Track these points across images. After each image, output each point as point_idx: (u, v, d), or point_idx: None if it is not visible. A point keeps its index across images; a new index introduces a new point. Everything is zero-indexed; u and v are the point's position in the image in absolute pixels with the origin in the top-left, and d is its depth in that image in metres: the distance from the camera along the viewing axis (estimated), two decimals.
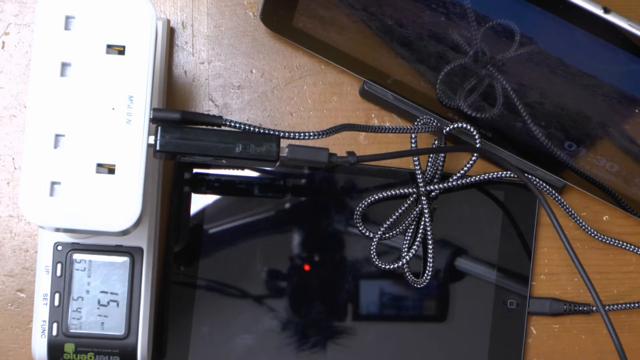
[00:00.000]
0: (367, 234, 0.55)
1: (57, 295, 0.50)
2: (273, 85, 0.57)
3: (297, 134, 0.47)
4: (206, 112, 0.56)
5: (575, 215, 0.57)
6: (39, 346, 0.51)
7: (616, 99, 0.49)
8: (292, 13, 0.53)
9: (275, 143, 0.45)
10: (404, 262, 0.54)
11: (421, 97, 0.55)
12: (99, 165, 0.43)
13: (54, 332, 0.50)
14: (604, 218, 0.58)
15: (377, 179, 0.56)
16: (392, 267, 0.54)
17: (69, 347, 0.51)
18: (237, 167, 0.54)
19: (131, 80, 0.43)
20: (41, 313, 0.50)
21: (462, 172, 0.54)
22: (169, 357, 0.54)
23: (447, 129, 0.54)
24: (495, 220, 0.56)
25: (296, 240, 0.55)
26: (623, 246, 0.57)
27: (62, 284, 0.50)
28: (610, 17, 0.44)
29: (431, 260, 0.54)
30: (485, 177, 0.55)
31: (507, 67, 0.50)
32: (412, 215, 0.54)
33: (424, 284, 0.55)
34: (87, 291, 0.50)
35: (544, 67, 0.49)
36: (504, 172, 0.55)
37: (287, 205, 0.55)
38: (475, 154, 0.54)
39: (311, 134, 0.47)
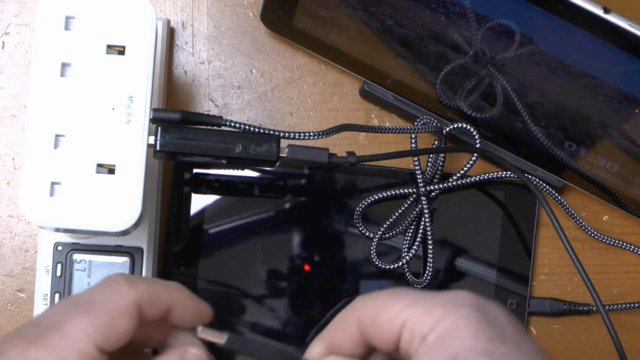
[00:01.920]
0: (367, 234, 0.55)
1: (57, 296, 0.50)
2: (273, 85, 0.57)
3: (297, 134, 0.47)
4: (206, 112, 0.56)
5: (575, 215, 0.57)
6: None
7: (616, 99, 0.49)
8: (292, 13, 0.53)
9: (275, 143, 0.45)
10: (404, 262, 0.54)
11: (421, 97, 0.55)
12: (99, 165, 0.43)
13: None
14: (604, 218, 0.58)
15: (377, 179, 0.56)
16: (392, 267, 0.54)
17: None
18: (237, 167, 0.54)
19: (131, 80, 0.43)
20: None
21: (462, 172, 0.54)
22: None
23: (447, 129, 0.54)
24: (495, 220, 0.56)
25: (296, 240, 0.55)
26: (623, 246, 0.57)
27: (62, 284, 0.50)
28: (610, 17, 0.44)
29: (431, 260, 0.54)
30: (485, 177, 0.55)
31: (507, 67, 0.50)
32: (412, 215, 0.54)
33: (424, 284, 0.55)
34: None
35: (544, 67, 0.49)
36: (504, 172, 0.55)
37: (287, 205, 0.55)
38: (475, 154, 0.54)
39: (311, 134, 0.47)
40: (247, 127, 0.45)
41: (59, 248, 0.50)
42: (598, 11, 0.44)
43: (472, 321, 0.34)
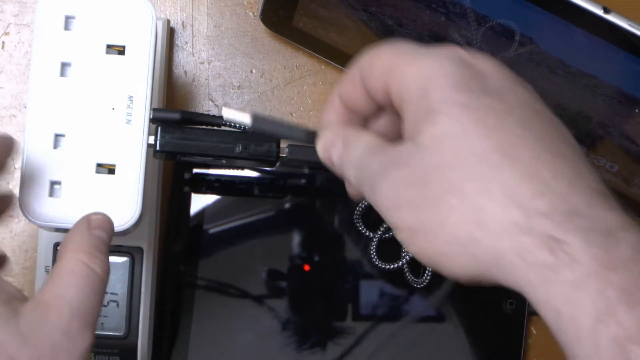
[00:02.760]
0: (367, 234, 0.55)
1: None
2: (273, 85, 0.57)
3: None
4: (206, 112, 0.56)
5: None
6: None
7: (616, 99, 0.49)
8: (292, 13, 0.53)
9: (275, 143, 0.45)
10: (404, 262, 0.54)
11: None
12: (99, 165, 0.43)
13: None
14: None
15: None
16: (392, 267, 0.54)
17: None
18: (237, 167, 0.54)
19: (131, 80, 0.43)
20: None
21: None
22: (169, 357, 0.54)
23: None
24: None
25: (296, 240, 0.55)
26: None
27: None
28: (610, 17, 0.44)
29: None
30: None
31: (507, 67, 0.50)
32: None
33: (424, 284, 0.55)
34: None
35: (544, 67, 0.49)
36: None
37: (287, 205, 0.55)
38: None
39: None
40: (247, 127, 0.45)
41: (59, 248, 0.50)
42: (598, 11, 0.44)
43: (453, 72, 0.34)
